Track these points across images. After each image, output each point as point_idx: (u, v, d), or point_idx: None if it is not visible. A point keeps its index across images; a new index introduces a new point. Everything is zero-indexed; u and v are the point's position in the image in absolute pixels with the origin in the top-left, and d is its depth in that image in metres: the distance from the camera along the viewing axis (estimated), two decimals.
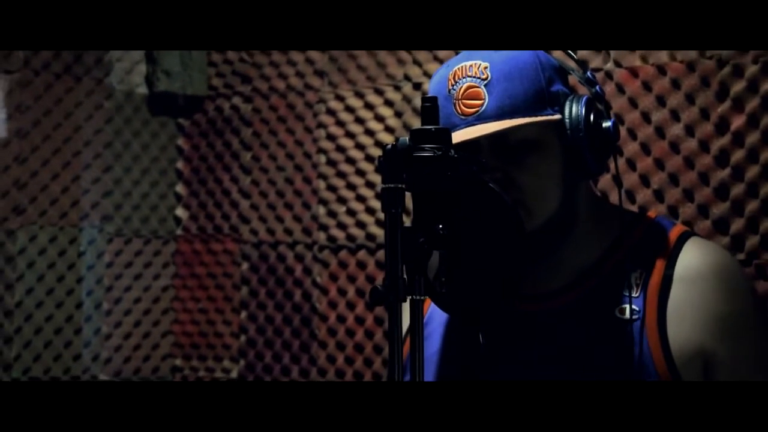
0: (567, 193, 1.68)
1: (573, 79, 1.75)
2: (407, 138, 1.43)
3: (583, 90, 1.83)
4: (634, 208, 2.31)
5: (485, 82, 1.63)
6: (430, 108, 1.45)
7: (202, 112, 3.25)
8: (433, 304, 1.74)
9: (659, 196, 2.30)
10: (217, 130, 3.23)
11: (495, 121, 1.61)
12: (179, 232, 3.28)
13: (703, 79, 2.24)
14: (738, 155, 2.17)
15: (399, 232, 1.39)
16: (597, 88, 1.71)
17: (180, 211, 3.28)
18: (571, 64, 1.76)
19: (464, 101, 1.63)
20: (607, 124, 1.68)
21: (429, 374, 1.72)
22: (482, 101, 1.62)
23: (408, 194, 1.43)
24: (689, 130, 2.26)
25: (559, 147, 1.66)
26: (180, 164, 3.29)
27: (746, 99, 2.16)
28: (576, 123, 1.64)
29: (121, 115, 3.17)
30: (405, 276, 1.39)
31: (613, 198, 2.13)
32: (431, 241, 1.41)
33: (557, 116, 1.64)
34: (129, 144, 3.19)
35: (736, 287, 1.67)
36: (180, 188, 3.28)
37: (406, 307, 1.40)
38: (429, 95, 1.68)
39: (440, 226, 1.41)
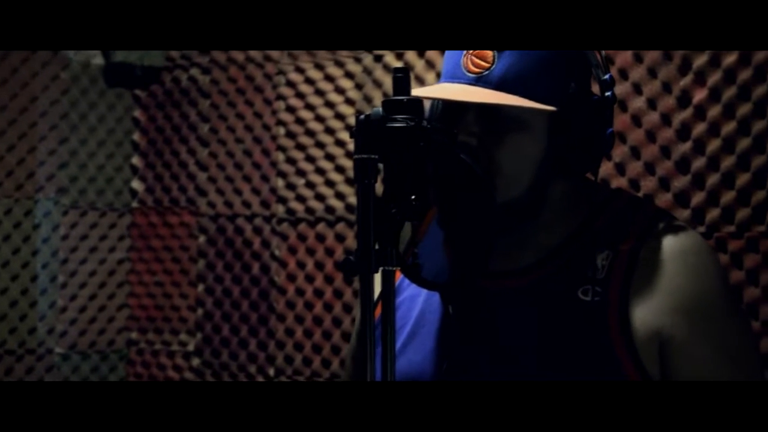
0: (538, 182, 1.64)
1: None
2: (380, 108, 1.42)
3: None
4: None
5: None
6: (401, 78, 1.44)
7: (159, 83, 3.22)
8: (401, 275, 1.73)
9: (621, 169, 2.31)
10: (174, 102, 3.20)
11: (493, 89, 1.59)
12: (135, 204, 3.26)
13: (666, 52, 2.25)
14: (699, 129, 2.19)
15: (371, 202, 1.39)
16: (609, 93, 1.65)
17: (136, 184, 3.26)
18: (597, 61, 1.70)
19: (473, 58, 1.61)
20: (604, 132, 1.64)
21: (397, 347, 1.71)
22: (489, 65, 1.60)
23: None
24: (651, 104, 2.27)
25: (547, 137, 1.62)
26: (136, 136, 3.26)
27: (708, 73, 2.18)
28: (571, 122, 1.61)
29: (78, 86, 3.14)
30: (377, 247, 1.39)
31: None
32: (403, 212, 1.41)
33: (553, 108, 1.59)
34: (85, 115, 3.16)
35: (704, 271, 1.64)
36: (136, 160, 3.26)
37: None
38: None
39: (413, 197, 1.41)
